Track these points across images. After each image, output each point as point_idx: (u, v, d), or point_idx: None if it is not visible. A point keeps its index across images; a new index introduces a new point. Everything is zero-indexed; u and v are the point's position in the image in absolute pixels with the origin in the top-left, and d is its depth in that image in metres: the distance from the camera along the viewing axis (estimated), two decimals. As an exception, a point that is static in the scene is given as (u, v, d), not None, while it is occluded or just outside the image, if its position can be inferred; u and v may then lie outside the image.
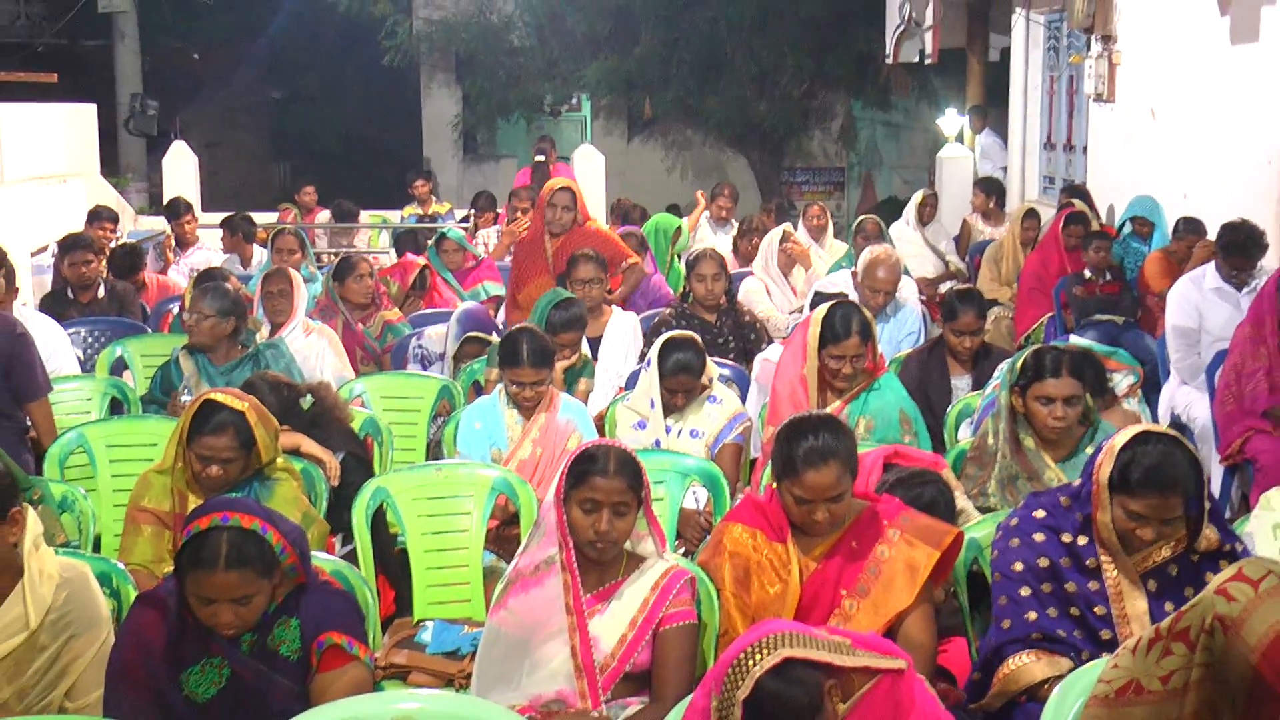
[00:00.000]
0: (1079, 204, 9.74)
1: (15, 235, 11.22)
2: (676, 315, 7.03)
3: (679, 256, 10.31)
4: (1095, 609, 3.57)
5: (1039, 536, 3.63)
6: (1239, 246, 7.33)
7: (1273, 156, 9.15)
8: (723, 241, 11.16)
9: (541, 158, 14.03)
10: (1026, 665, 3.50)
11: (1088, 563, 3.59)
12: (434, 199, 15.21)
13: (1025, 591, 3.55)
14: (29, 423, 5.81)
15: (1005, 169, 14.15)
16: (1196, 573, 3.58)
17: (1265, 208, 8.93)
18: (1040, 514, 3.67)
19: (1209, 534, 3.56)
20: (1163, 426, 3.70)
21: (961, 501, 4.43)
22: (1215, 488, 6.62)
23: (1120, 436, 3.60)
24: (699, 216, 11.49)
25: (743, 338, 7.07)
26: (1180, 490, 3.48)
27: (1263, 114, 9.25)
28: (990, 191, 12.35)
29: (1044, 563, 3.58)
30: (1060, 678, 3.35)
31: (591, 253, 7.34)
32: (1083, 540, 3.59)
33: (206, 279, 7.17)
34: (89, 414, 6.24)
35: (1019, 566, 3.59)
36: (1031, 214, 10.41)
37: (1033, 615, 3.58)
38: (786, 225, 9.33)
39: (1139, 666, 2.95)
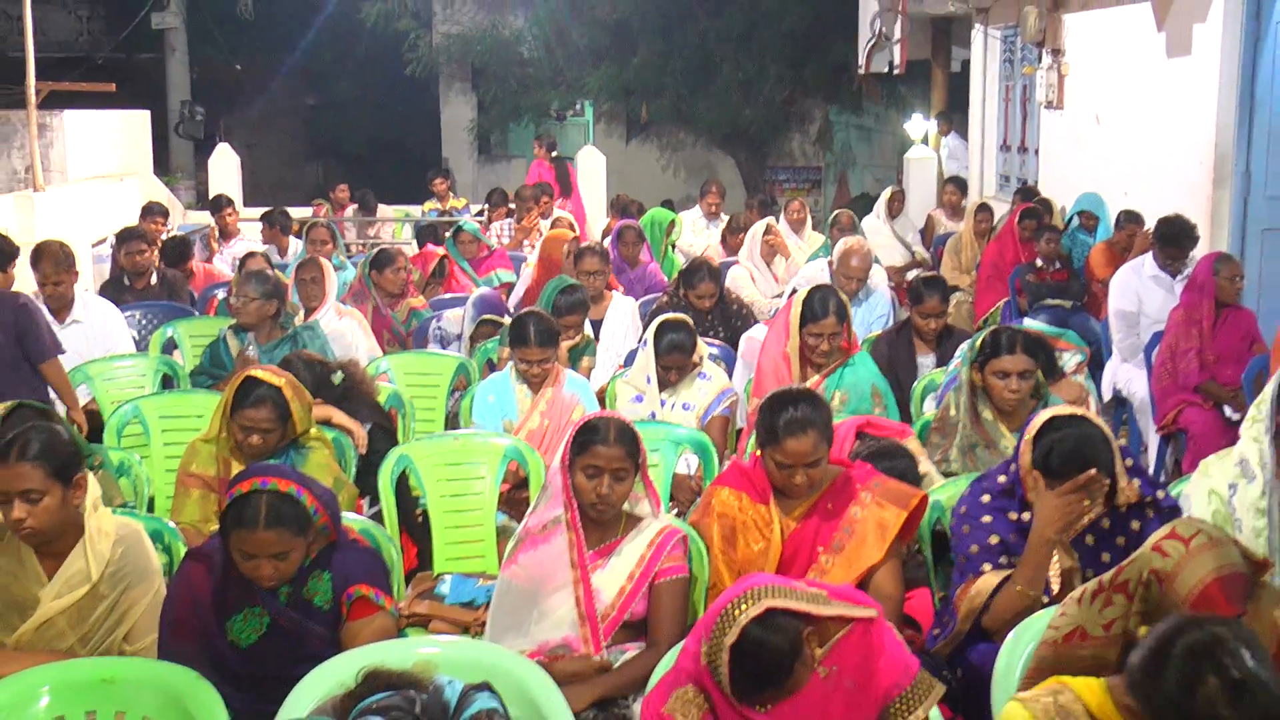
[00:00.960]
0: (1037, 203, 9.78)
1: (78, 228, 11.26)
2: (672, 303, 7.02)
3: (673, 247, 10.32)
4: None
5: (987, 518, 3.62)
6: (1174, 238, 7.36)
7: (1203, 158, 9.16)
8: (712, 234, 11.17)
9: (545, 151, 14.11)
10: (984, 577, 3.50)
11: None
12: (452, 195, 15.16)
13: (986, 568, 3.55)
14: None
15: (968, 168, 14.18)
16: (1125, 522, 3.61)
17: (1197, 204, 8.96)
18: (986, 499, 3.66)
19: (1127, 488, 3.58)
20: (1074, 409, 3.68)
21: (926, 466, 4.43)
22: (1152, 454, 6.65)
23: (1034, 424, 3.61)
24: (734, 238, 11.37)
25: (730, 326, 7.06)
26: (1103, 465, 3.49)
27: (1195, 119, 9.28)
28: (960, 189, 12.38)
29: (995, 540, 3.58)
30: (1010, 592, 3.41)
31: (597, 247, 7.38)
32: (1026, 516, 3.58)
33: (252, 264, 7.22)
34: (143, 388, 6.25)
35: (975, 549, 3.60)
36: (984, 208, 10.44)
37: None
38: (770, 219, 9.32)
39: (1084, 615, 2.96)
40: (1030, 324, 6.61)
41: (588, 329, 6.58)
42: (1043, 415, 3.63)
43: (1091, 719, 2.42)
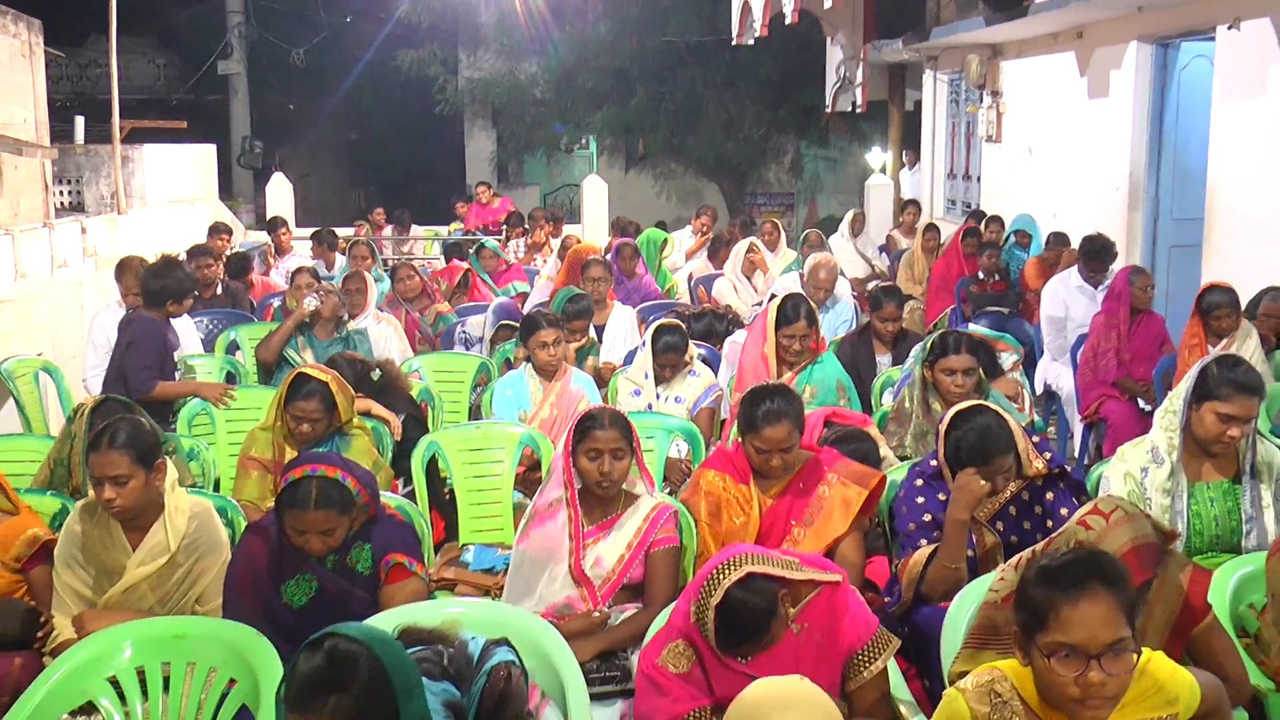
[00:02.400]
0: (990, 220, 9.83)
1: (155, 245, 11.23)
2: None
3: (664, 261, 10.30)
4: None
5: (921, 499, 3.62)
6: (1095, 254, 7.37)
7: (1120, 185, 9.20)
8: (685, 258, 11.11)
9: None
10: (919, 552, 3.50)
11: None
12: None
13: (922, 543, 3.54)
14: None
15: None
16: (1041, 494, 3.63)
17: (1115, 224, 8.99)
18: (919, 482, 3.66)
19: (1034, 461, 3.59)
20: (975, 403, 3.71)
21: (884, 450, 4.43)
22: (1077, 440, 6.64)
23: (944, 420, 3.62)
24: (699, 246, 11.30)
25: (717, 334, 7.03)
26: (1003, 450, 3.50)
27: (1112, 152, 9.33)
28: (919, 210, 12.44)
29: (928, 517, 3.58)
30: (937, 566, 3.41)
31: (600, 259, 7.38)
32: None
33: (300, 279, 7.26)
34: (209, 384, 6.22)
35: (912, 526, 3.59)
36: (931, 228, 10.45)
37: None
38: (752, 238, 9.30)
39: (1019, 579, 2.95)
40: (973, 328, 6.59)
41: (592, 333, 6.59)
42: (950, 412, 3.64)
43: (1023, 702, 2.39)
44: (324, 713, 2.18)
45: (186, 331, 6.83)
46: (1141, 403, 5.97)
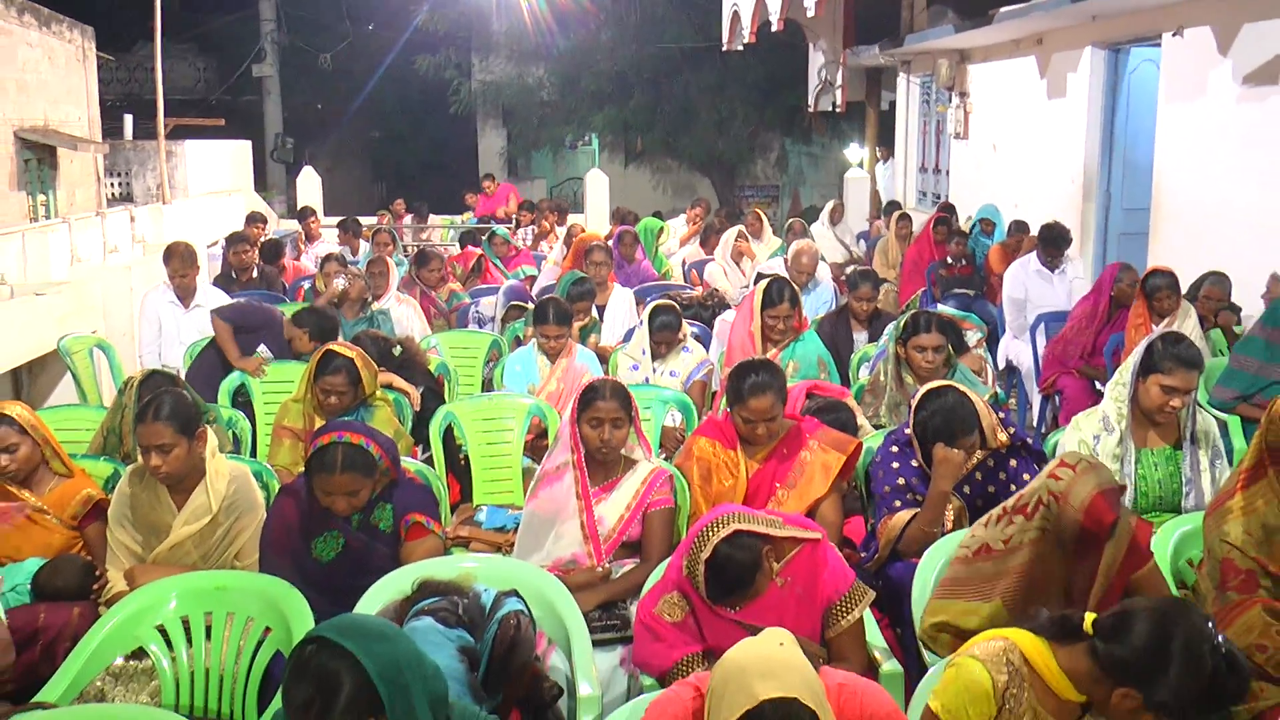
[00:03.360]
0: (943, 208, 9.73)
1: (197, 232, 11.24)
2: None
3: (660, 248, 10.26)
4: None
5: (895, 464, 3.60)
6: (1053, 241, 7.34)
7: (1075, 178, 9.16)
8: (681, 246, 11.06)
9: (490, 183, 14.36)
10: (898, 515, 3.49)
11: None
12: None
13: (897, 504, 3.53)
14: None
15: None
16: (1005, 461, 3.61)
17: (1070, 214, 8.98)
18: (894, 449, 3.64)
19: (998, 433, 3.58)
20: (944, 383, 3.68)
21: (860, 420, 4.41)
22: (1035, 411, 6.63)
23: (917, 396, 3.60)
24: (692, 234, 11.25)
25: (704, 318, 7.01)
26: (969, 426, 3.48)
27: (1068, 148, 9.30)
28: (896, 208, 12.35)
29: (901, 481, 3.56)
30: (916, 529, 3.40)
31: (603, 244, 7.34)
32: (920, 462, 3.58)
33: (330, 267, 7.22)
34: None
35: (887, 489, 3.58)
36: (904, 217, 10.40)
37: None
38: (740, 227, 9.26)
39: (989, 535, 2.96)
40: (942, 308, 6.57)
41: (594, 313, 6.56)
42: (921, 390, 3.63)
43: (1031, 670, 2.30)
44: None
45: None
46: (1098, 385, 5.93)
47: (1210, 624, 2.18)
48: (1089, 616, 2.28)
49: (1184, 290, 5.83)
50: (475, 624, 2.69)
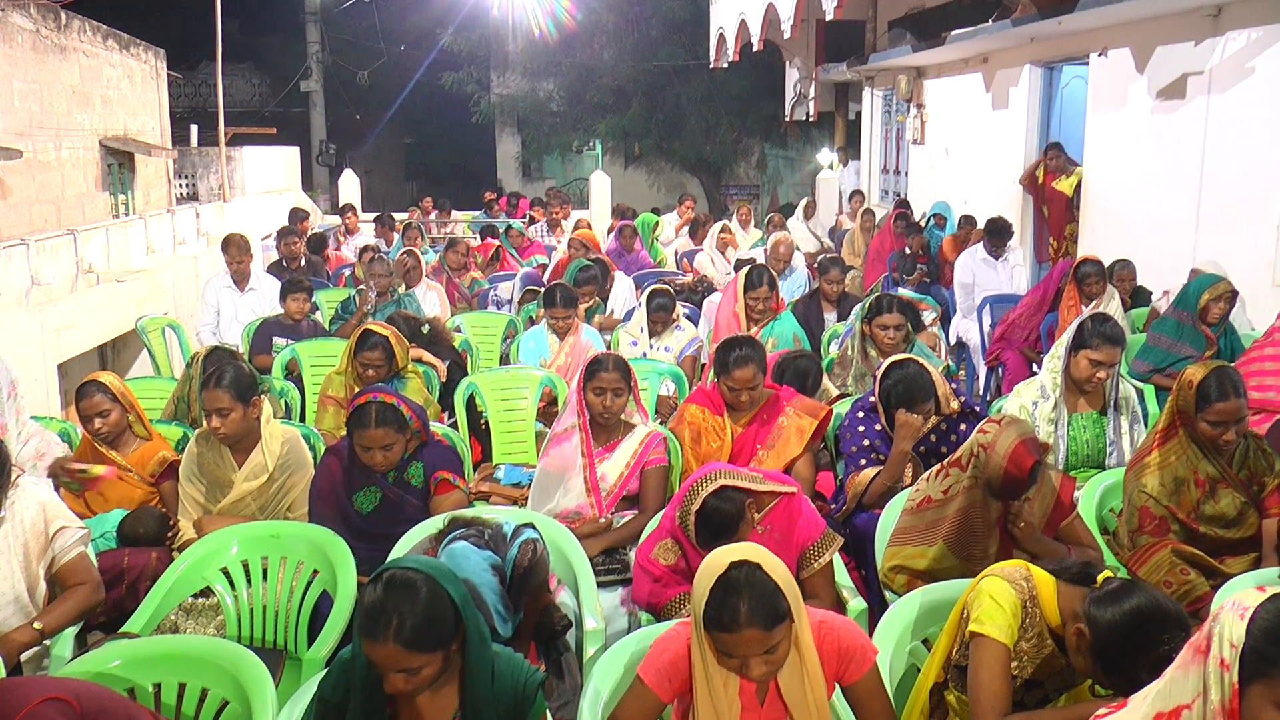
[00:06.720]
0: (899, 205, 9.64)
1: (253, 226, 11.18)
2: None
3: (656, 239, 10.21)
4: None
5: (861, 428, 3.58)
6: (996, 233, 7.30)
7: (1016, 177, 9.10)
8: (677, 237, 11.00)
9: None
10: (863, 472, 3.47)
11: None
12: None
13: (863, 462, 3.51)
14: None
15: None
16: (956, 425, 3.60)
17: (1012, 209, 8.94)
18: (860, 414, 3.61)
19: (950, 400, 3.56)
20: (907, 356, 3.64)
21: (830, 389, 4.39)
22: (981, 381, 6.61)
23: (882, 368, 3.57)
24: (685, 223, 11.15)
25: (699, 294, 6.98)
26: (927, 394, 3.46)
27: (1010, 152, 9.25)
28: (863, 198, 12.30)
29: (866, 442, 3.54)
30: (879, 484, 3.39)
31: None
32: (884, 426, 3.56)
33: (366, 257, 7.18)
34: (297, 337, 6.18)
35: (854, 449, 3.55)
36: (868, 212, 10.33)
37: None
38: (725, 221, 9.21)
39: (930, 487, 2.96)
40: (902, 292, 6.54)
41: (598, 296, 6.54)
42: (885, 362, 3.60)
43: (1034, 595, 2.21)
44: (389, 634, 1.89)
45: (277, 295, 6.79)
46: (1035, 367, 5.89)
47: (1186, 633, 1.95)
48: (1106, 572, 2.17)
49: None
50: (498, 547, 2.72)
